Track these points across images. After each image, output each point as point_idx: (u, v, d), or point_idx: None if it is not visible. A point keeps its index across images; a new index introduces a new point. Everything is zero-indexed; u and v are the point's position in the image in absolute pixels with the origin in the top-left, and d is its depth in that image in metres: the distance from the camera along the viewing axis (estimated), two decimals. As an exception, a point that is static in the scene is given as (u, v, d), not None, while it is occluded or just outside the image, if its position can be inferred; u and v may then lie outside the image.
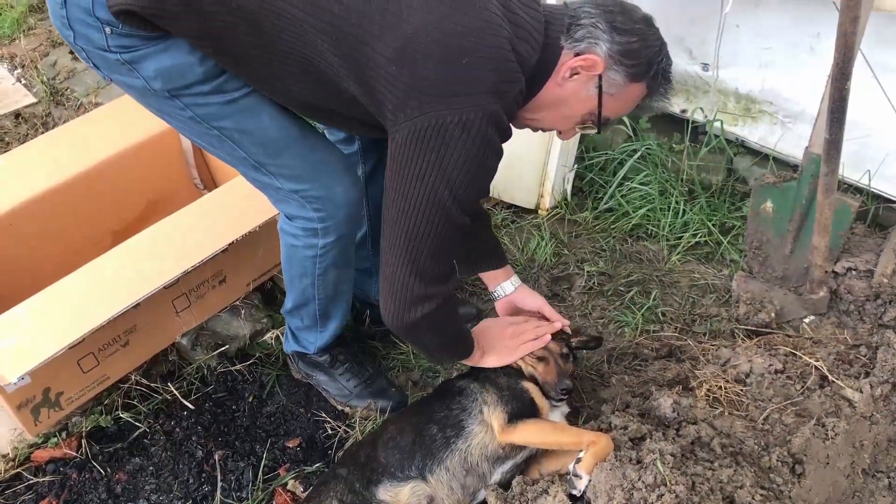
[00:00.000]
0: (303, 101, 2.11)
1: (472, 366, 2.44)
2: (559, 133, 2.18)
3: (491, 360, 2.40)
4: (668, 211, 3.44)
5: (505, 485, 2.20)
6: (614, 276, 3.23)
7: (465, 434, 2.22)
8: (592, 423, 2.34)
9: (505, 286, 2.59)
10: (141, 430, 2.67)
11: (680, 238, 3.38)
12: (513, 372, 2.40)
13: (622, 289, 3.17)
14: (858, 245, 3.00)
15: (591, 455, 2.08)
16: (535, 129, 2.18)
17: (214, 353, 2.88)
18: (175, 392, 2.76)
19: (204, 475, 2.53)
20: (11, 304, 2.47)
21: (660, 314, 3.02)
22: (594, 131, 2.11)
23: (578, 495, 2.04)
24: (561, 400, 2.35)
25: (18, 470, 2.55)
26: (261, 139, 2.12)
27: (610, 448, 2.11)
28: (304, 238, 2.31)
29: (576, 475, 2.06)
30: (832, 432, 2.33)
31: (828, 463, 2.30)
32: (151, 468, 2.56)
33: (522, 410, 2.26)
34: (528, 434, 2.22)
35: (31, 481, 2.52)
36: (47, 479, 2.53)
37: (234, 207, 2.81)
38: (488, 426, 2.23)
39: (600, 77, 1.95)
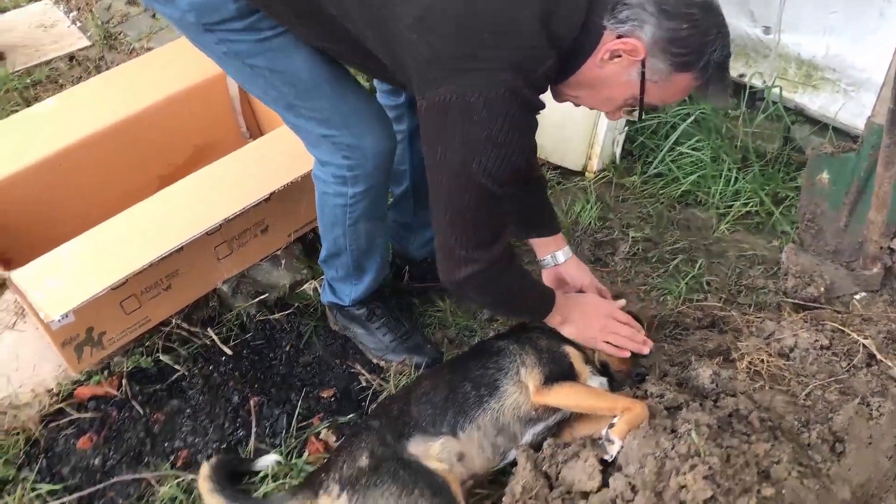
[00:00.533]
0: (335, 53, 2.10)
1: (513, 327, 2.42)
2: (606, 113, 2.09)
3: (570, 332, 2.35)
4: (720, 178, 3.34)
5: (536, 446, 2.19)
6: (659, 243, 3.17)
7: (498, 394, 2.21)
8: (628, 391, 2.31)
9: (557, 255, 2.53)
10: (180, 373, 2.71)
11: (730, 207, 3.30)
12: (554, 335, 2.38)
13: (667, 256, 3.10)
14: (919, 221, 2.88)
15: (625, 421, 2.05)
16: (576, 105, 2.11)
17: (254, 301, 2.91)
18: (214, 337, 2.80)
19: (239, 420, 2.56)
20: (57, 245, 2.51)
21: (704, 283, 2.95)
22: (636, 118, 2.04)
23: (610, 460, 2.02)
24: (634, 385, 2.33)
25: (62, 405, 2.62)
26: (292, 80, 2.11)
27: (645, 415, 2.08)
28: (334, 185, 2.30)
29: (608, 440, 2.04)
30: (877, 412, 2.27)
31: (870, 443, 2.23)
32: (188, 410, 2.60)
33: (560, 374, 2.24)
34: (564, 397, 2.20)
35: (73, 416, 2.59)
36: (89, 415, 2.59)
37: (279, 157, 2.80)
38: (523, 387, 2.22)
39: (643, 62, 1.84)
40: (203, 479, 2.23)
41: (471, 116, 1.76)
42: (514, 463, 2.17)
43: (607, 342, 2.32)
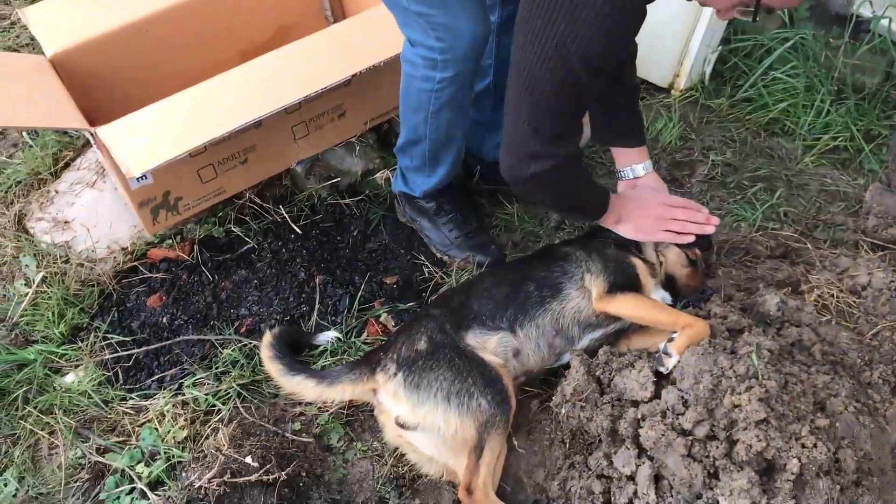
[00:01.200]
0: None
1: (581, 235, 2.39)
2: (717, 11, 1.99)
3: (626, 230, 2.34)
4: (811, 109, 3.20)
5: (591, 352, 2.20)
6: (740, 169, 3.08)
7: (561, 296, 2.22)
8: (691, 310, 2.29)
9: (636, 168, 2.48)
10: (250, 246, 2.78)
11: (818, 139, 3.17)
12: (622, 245, 2.36)
13: (746, 183, 3.01)
14: None
15: (686, 336, 2.05)
16: None
17: (326, 183, 2.94)
18: (285, 215, 2.85)
19: (304, 296, 2.63)
20: (138, 109, 2.55)
21: (781, 214, 2.87)
22: (750, 19, 1.93)
23: (665, 373, 2.02)
24: (698, 304, 2.32)
25: (135, 263, 2.72)
26: None
27: (706, 333, 2.07)
28: (422, 69, 2.26)
29: (666, 353, 2.03)
30: (945, 359, 2.21)
31: (933, 389, 2.19)
32: (255, 281, 2.68)
33: (625, 283, 2.24)
34: (626, 306, 2.20)
35: (145, 275, 2.69)
36: (160, 275, 2.69)
37: (362, 41, 2.77)
38: (586, 293, 2.22)
39: None
40: (265, 346, 2.32)
41: None
42: (567, 366, 2.20)
43: (668, 231, 2.31)
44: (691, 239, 2.31)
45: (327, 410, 2.28)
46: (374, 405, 2.22)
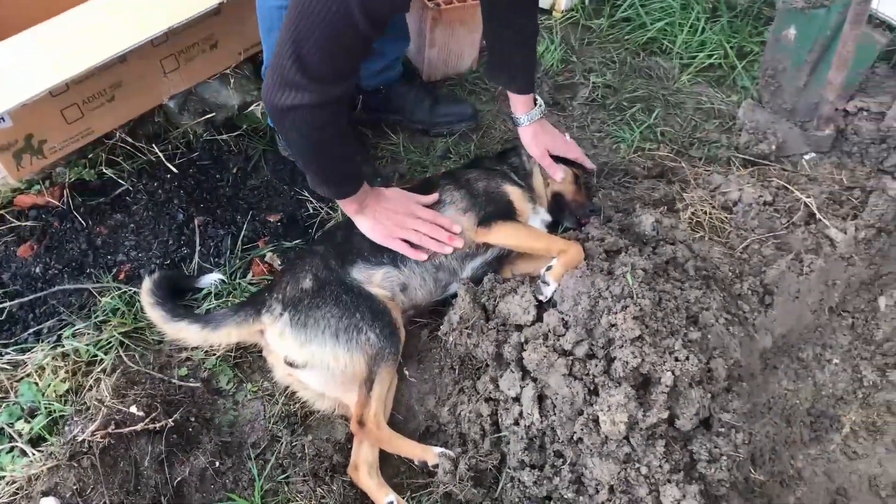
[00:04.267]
0: None
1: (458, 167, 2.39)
2: None
3: (363, 223, 2.25)
4: (687, 27, 3.27)
5: (477, 280, 2.24)
6: (619, 90, 3.13)
7: None
8: (571, 234, 2.35)
9: (519, 118, 2.51)
10: (124, 188, 2.66)
11: (694, 57, 3.24)
12: (496, 175, 2.39)
13: (625, 104, 3.07)
14: (876, 86, 2.87)
15: (561, 264, 2.10)
16: None
17: (201, 119, 2.83)
18: (160, 154, 2.73)
19: (184, 238, 2.55)
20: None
21: (658, 133, 2.95)
22: None
23: (544, 301, 2.08)
24: (585, 221, 2.38)
25: (1, 212, 2.57)
26: None
27: (580, 257, 2.12)
28: None
29: (544, 282, 2.09)
30: (808, 268, 2.34)
31: (797, 297, 2.33)
32: (132, 225, 2.58)
33: (499, 213, 2.27)
34: (502, 236, 2.23)
35: (13, 224, 2.54)
36: (29, 223, 2.55)
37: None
38: (460, 227, 2.25)
39: None
40: (145, 292, 2.25)
41: None
42: (455, 295, 2.22)
43: (402, 241, 2.22)
44: (423, 257, 2.22)
45: (214, 354, 2.24)
46: (262, 346, 2.20)
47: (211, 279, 2.39)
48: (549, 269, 2.09)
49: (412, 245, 2.22)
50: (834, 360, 2.45)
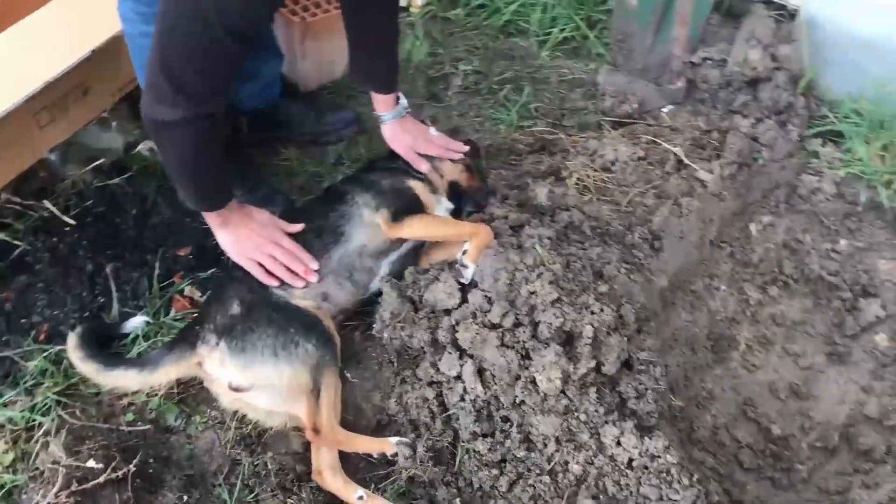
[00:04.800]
0: None
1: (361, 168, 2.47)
2: None
3: (223, 238, 2.31)
4: (539, 6, 3.47)
5: (398, 275, 2.36)
6: (488, 75, 3.30)
7: (343, 238, 2.33)
8: (474, 216, 2.50)
9: (383, 116, 2.61)
10: (21, 249, 2.61)
11: (549, 33, 3.45)
12: (397, 172, 2.51)
13: (496, 87, 3.25)
14: (713, 35, 3.16)
15: (475, 246, 2.25)
16: None
17: (89, 167, 2.80)
18: (52, 208, 2.68)
19: (97, 287, 2.54)
20: None
21: (532, 110, 3.14)
22: None
23: (466, 283, 2.23)
24: (485, 203, 2.54)
25: None
26: None
27: (490, 237, 2.28)
28: (138, 24, 2.24)
29: (462, 265, 2.23)
30: (686, 210, 2.60)
31: (682, 237, 2.58)
32: (40, 284, 2.53)
33: (407, 207, 2.39)
34: (415, 229, 2.36)
35: (-90, 311, 2.47)
36: (-70, 303, 2.48)
37: (90, 13, 2.62)
38: (371, 227, 2.35)
39: None
40: (72, 349, 2.23)
41: None
42: (379, 293, 2.33)
43: (256, 263, 2.27)
44: (275, 283, 2.25)
45: (156, 394, 2.27)
46: (202, 378, 2.24)
47: (136, 322, 2.40)
48: (464, 253, 2.23)
49: (266, 270, 2.26)
50: (721, 287, 2.73)
